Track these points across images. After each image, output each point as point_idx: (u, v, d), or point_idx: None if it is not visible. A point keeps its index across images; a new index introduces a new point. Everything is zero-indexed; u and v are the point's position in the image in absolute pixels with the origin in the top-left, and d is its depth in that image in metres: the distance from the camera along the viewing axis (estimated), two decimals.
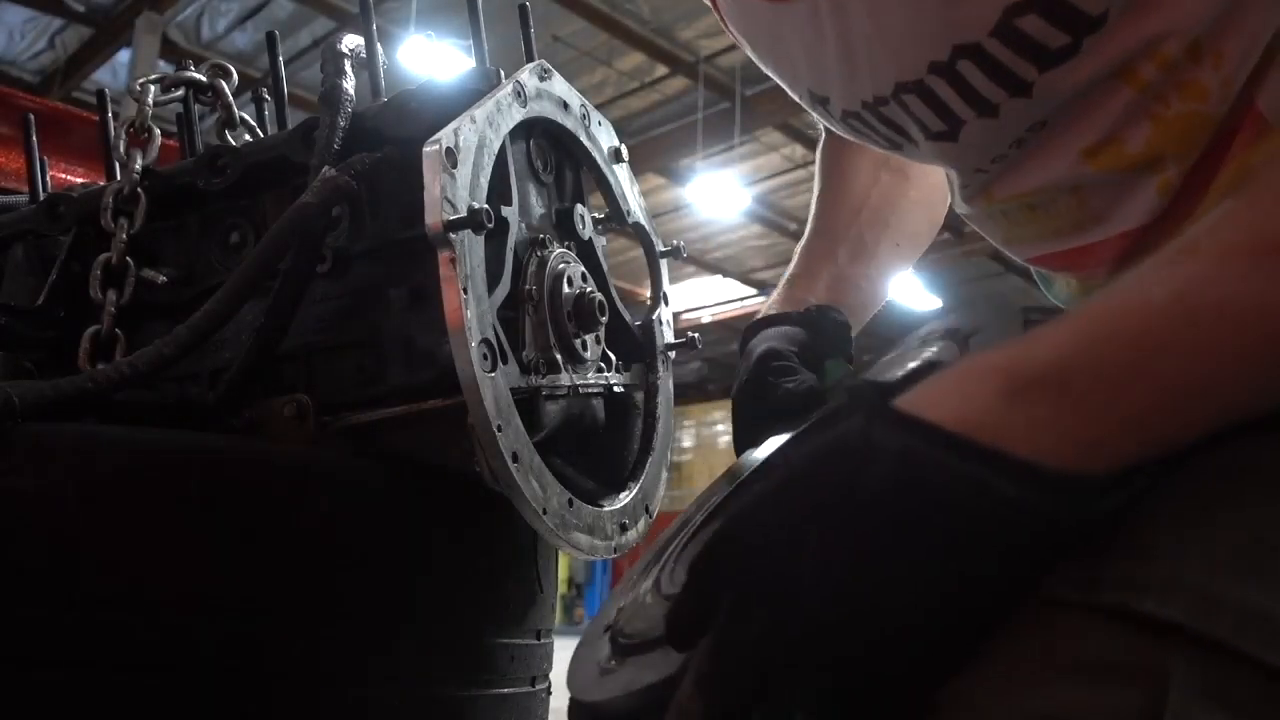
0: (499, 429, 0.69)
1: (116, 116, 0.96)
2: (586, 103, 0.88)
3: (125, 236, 0.86)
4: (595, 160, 0.89)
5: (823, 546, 0.43)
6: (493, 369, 0.69)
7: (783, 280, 0.96)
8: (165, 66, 4.19)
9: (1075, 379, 0.43)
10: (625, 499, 0.84)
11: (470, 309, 0.68)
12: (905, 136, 0.76)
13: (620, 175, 0.91)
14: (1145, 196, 0.68)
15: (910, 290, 9.39)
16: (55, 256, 0.91)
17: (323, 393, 0.78)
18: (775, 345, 0.79)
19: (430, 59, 6.38)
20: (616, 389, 0.86)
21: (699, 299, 11.82)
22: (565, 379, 0.79)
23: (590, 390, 0.83)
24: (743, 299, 11.61)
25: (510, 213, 0.77)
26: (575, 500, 0.76)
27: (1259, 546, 0.40)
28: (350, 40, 0.85)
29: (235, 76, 0.99)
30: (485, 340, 0.69)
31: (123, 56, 7.61)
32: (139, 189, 0.87)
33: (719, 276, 11.60)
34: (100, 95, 0.99)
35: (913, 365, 0.52)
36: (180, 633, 0.64)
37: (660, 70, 7.93)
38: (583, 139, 0.87)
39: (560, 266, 0.80)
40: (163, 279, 0.87)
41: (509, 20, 0.86)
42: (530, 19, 0.87)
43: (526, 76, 0.81)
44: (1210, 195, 0.65)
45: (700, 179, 8.91)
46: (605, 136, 0.90)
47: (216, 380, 0.80)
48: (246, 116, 0.99)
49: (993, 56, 0.64)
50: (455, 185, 0.70)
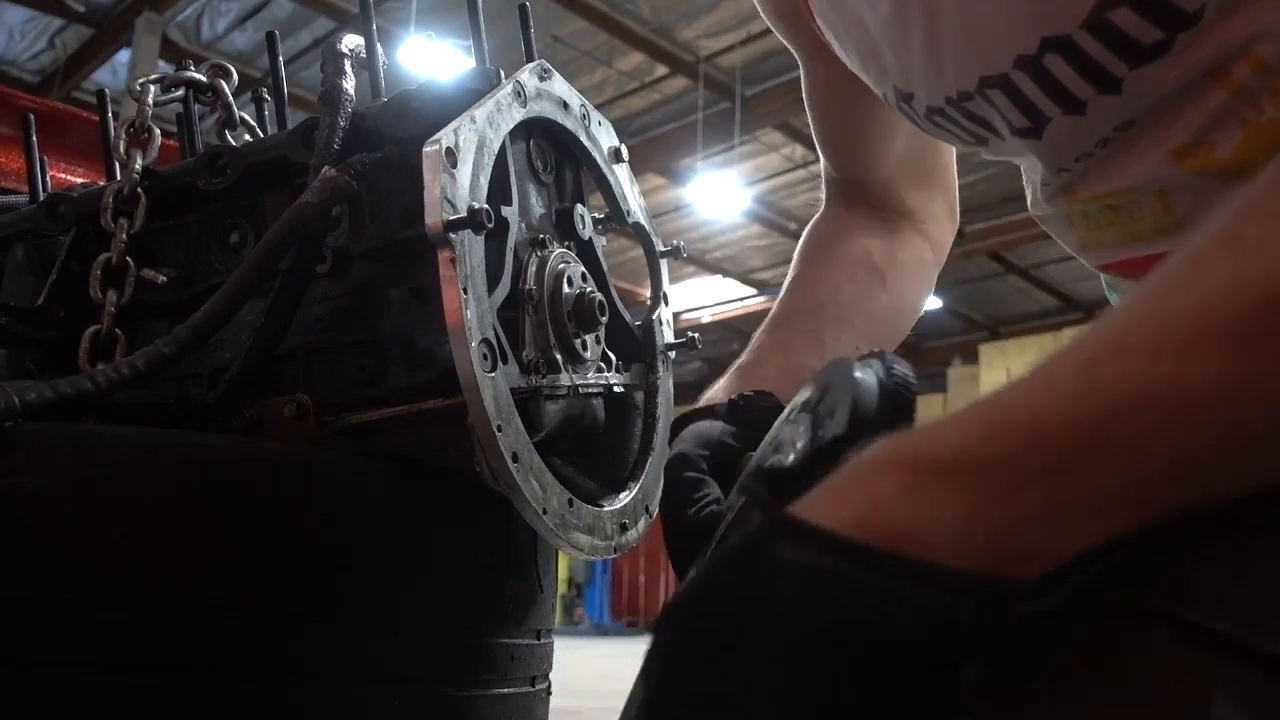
0: (499, 429, 0.69)
1: (116, 116, 0.96)
2: (586, 103, 0.88)
3: (125, 236, 0.86)
4: (595, 160, 0.88)
5: (746, 686, 0.41)
6: (493, 369, 0.69)
7: (732, 367, 0.91)
8: (165, 66, 4.19)
9: (979, 468, 0.40)
10: (625, 499, 0.84)
11: (470, 309, 0.68)
12: (992, 131, 0.75)
13: (620, 175, 0.91)
14: None
15: None
16: (55, 256, 0.91)
17: (323, 393, 0.78)
18: (686, 450, 0.74)
19: (430, 59, 6.39)
20: (616, 389, 0.86)
21: (699, 299, 11.83)
22: (565, 379, 0.79)
23: (590, 390, 0.83)
24: (743, 299, 11.61)
25: (510, 213, 0.77)
26: (575, 500, 0.77)
27: None
28: (350, 40, 0.85)
29: (235, 76, 0.99)
30: (485, 340, 0.69)
31: (123, 56, 7.62)
32: (139, 189, 0.87)
33: (719, 276, 11.61)
34: (100, 95, 0.99)
35: (800, 448, 0.49)
36: (180, 633, 0.64)
37: (660, 70, 7.93)
38: (583, 139, 0.87)
39: (560, 266, 0.80)
40: (163, 279, 0.87)
41: (509, 20, 0.86)
42: (530, 19, 0.87)
43: (526, 76, 0.81)
44: None
45: (700, 179, 8.92)
46: (605, 136, 0.90)
47: (216, 380, 0.80)
48: (246, 116, 0.99)
49: (1082, 50, 0.63)
50: (455, 185, 0.69)
